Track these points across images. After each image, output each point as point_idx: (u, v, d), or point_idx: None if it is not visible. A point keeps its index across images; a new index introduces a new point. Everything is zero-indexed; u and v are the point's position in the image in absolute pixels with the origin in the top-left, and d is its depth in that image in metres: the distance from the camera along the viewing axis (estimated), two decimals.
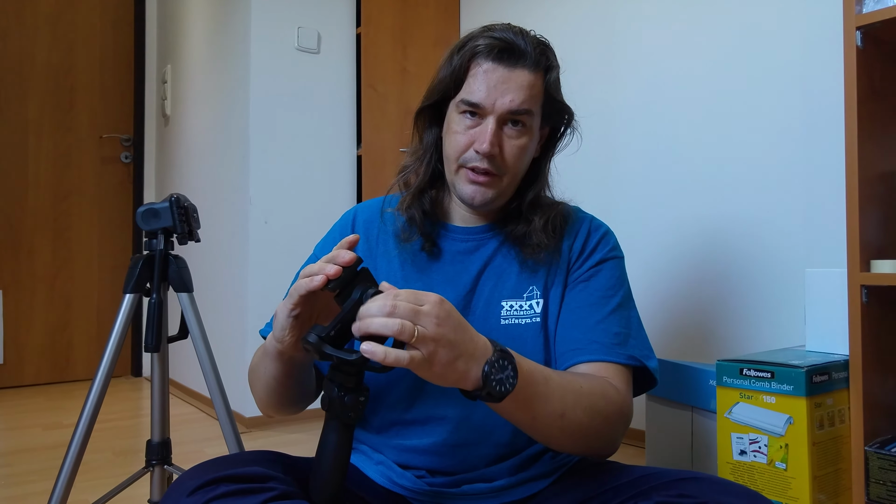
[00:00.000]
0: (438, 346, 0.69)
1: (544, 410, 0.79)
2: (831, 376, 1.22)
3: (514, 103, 0.91)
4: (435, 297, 0.71)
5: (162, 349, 1.34)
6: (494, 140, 0.91)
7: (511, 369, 0.74)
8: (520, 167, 0.96)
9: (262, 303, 2.42)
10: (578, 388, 0.83)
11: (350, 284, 0.73)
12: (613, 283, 0.98)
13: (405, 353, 0.68)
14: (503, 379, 0.73)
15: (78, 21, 3.39)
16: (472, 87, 0.92)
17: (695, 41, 1.96)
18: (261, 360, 0.90)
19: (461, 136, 0.93)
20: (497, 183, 0.94)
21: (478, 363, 0.72)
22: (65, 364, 3.34)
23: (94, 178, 3.44)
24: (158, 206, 1.30)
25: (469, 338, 0.73)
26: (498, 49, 0.91)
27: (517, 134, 0.93)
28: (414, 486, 0.91)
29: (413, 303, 0.70)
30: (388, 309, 0.68)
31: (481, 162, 0.92)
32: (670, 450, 1.57)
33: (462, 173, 0.94)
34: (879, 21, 1.14)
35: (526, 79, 0.91)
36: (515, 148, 0.93)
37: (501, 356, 0.73)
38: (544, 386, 0.79)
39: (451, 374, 0.71)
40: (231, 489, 0.71)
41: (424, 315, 0.69)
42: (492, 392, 0.72)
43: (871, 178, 1.18)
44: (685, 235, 1.97)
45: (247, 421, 2.37)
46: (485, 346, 0.74)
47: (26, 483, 1.80)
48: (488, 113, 0.91)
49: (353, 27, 2.68)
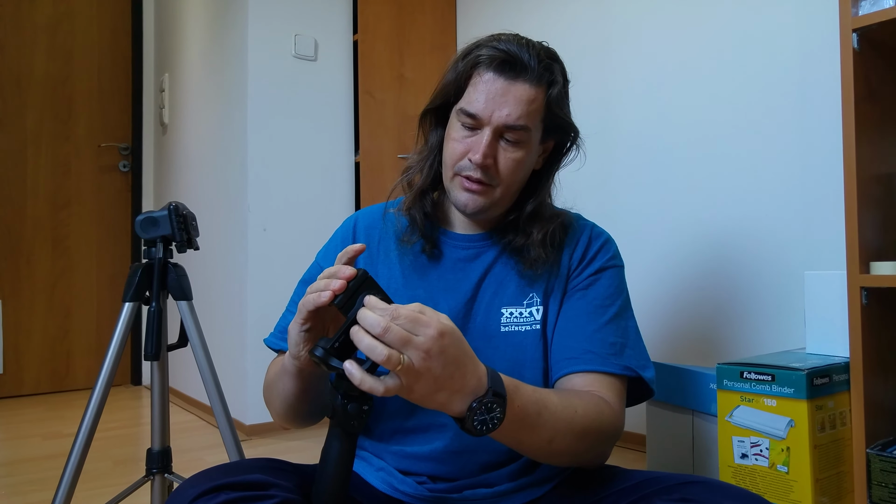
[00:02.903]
0: (421, 378, 0.67)
1: (531, 439, 0.79)
2: (832, 379, 1.21)
3: (511, 118, 0.90)
4: (434, 332, 0.67)
5: (161, 357, 1.34)
6: (489, 151, 0.90)
7: (499, 412, 0.72)
8: (514, 180, 0.95)
9: (262, 310, 2.42)
10: (572, 415, 0.82)
11: (354, 295, 0.73)
12: (612, 292, 0.98)
13: (380, 384, 0.67)
14: (486, 420, 0.71)
15: (76, 30, 3.40)
16: (471, 97, 0.92)
17: (692, 45, 1.96)
18: (279, 378, 0.89)
19: (458, 144, 0.93)
20: (490, 193, 0.93)
21: (464, 399, 0.71)
22: (64, 373, 3.33)
23: (93, 186, 3.44)
24: (157, 214, 1.29)
25: (461, 374, 0.70)
26: (500, 61, 0.90)
27: (513, 148, 0.92)
28: (415, 492, 0.91)
29: (409, 330, 0.67)
30: (380, 330, 0.66)
31: (475, 172, 0.91)
32: (671, 454, 1.57)
33: (457, 181, 0.94)
34: (876, 23, 1.14)
35: (526, 93, 0.90)
36: (510, 161, 0.92)
37: (493, 399, 0.71)
38: (536, 418, 0.78)
39: (430, 403, 0.70)
40: (232, 497, 0.71)
41: (414, 347, 0.66)
42: (471, 429, 0.71)
43: (870, 180, 1.18)
44: (684, 239, 1.98)
45: (247, 428, 2.36)
46: (478, 383, 0.71)
47: (27, 493, 1.79)
48: (485, 124, 0.91)
49: (350, 34, 2.69)
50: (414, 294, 0.96)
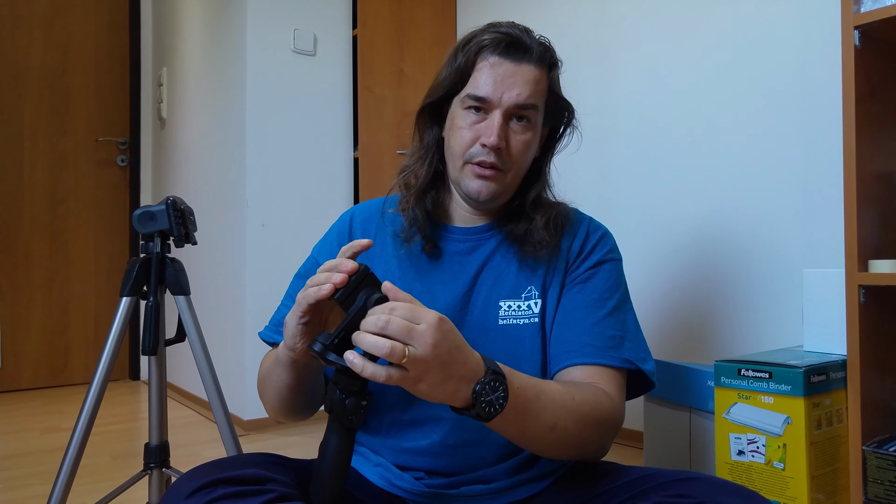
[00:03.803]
0: (430, 367, 0.68)
1: (535, 425, 0.79)
2: (829, 376, 1.22)
3: (521, 97, 0.91)
4: (433, 317, 0.68)
5: (159, 352, 1.34)
6: (502, 133, 0.91)
7: (502, 389, 0.73)
8: (523, 163, 0.96)
9: (260, 305, 2.41)
10: (570, 401, 0.82)
11: (355, 290, 0.73)
12: (611, 285, 0.98)
13: (382, 370, 0.67)
14: (493, 400, 0.72)
15: (73, 24, 3.39)
16: (478, 82, 0.92)
17: (692, 40, 1.96)
18: (272, 370, 0.89)
19: (466, 132, 0.93)
20: (502, 178, 0.94)
21: (468, 384, 0.71)
22: (62, 368, 3.33)
23: (91, 181, 3.43)
24: (154, 208, 1.29)
25: (462, 360, 0.71)
26: (505, 43, 0.91)
27: (522, 129, 0.93)
28: (412, 487, 0.91)
29: (409, 319, 0.68)
30: (381, 323, 0.66)
31: (488, 156, 0.92)
32: (668, 450, 1.57)
33: (468, 169, 0.94)
34: (878, 20, 1.14)
35: (532, 73, 0.92)
36: (521, 143, 0.93)
37: (493, 378, 0.72)
38: (535, 402, 0.78)
39: (439, 393, 0.70)
40: (229, 491, 0.71)
41: (419, 335, 0.67)
42: (480, 413, 0.72)
43: (870, 178, 1.18)
44: (682, 236, 1.98)
45: (245, 424, 2.36)
46: (476, 366, 0.72)
47: (25, 487, 1.79)
48: (495, 107, 0.91)
49: (350, 29, 2.68)
50: (410, 288, 0.96)
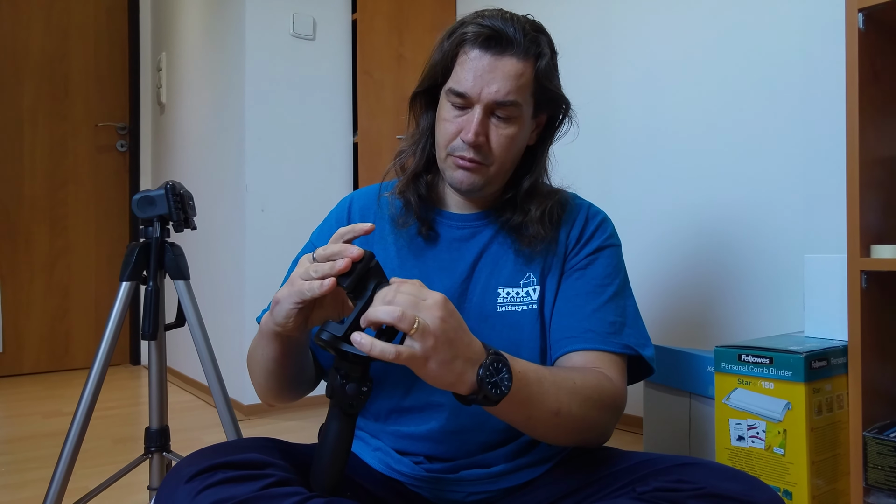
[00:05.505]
0: (438, 342, 0.68)
1: (539, 409, 0.79)
2: (830, 362, 1.21)
3: (500, 94, 0.89)
4: (439, 294, 0.70)
5: (159, 337, 1.34)
6: (480, 130, 0.89)
7: (506, 371, 0.73)
8: (508, 156, 0.94)
9: (260, 290, 2.42)
10: (572, 385, 0.82)
11: (364, 280, 0.73)
12: (610, 271, 0.97)
13: (391, 347, 0.66)
14: (498, 381, 0.72)
15: (72, 8, 3.36)
16: (458, 76, 0.90)
17: (693, 26, 1.94)
18: (258, 343, 0.89)
19: (449, 125, 0.92)
20: (484, 171, 0.93)
21: (473, 366, 0.71)
22: (63, 352, 3.34)
23: (90, 166, 3.42)
24: (154, 193, 1.28)
25: (467, 341, 0.71)
26: (485, 37, 0.89)
27: (504, 124, 0.91)
28: (412, 472, 0.91)
29: (416, 295, 0.69)
30: (390, 296, 0.68)
31: (467, 151, 0.90)
32: (668, 436, 1.58)
33: (450, 160, 0.93)
34: (883, 3, 1.12)
35: (514, 68, 0.89)
36: (503, 138, 0.91)
37: (495, 359, 0.72)
38: (538, 385, 0.78)
39: (447, 374, 0.70)
40: (229, 476, 0.71)
41: (427, 308, 0.68)
42: (488, 395, 0.71)
43: (872, 163, 1.17)
44: (683, 221, 1.97)
45: (245, 408, 2.37)
46: (479, 349, 0.73)
47: (26, 470, 1.80)
48: (474, 102, 0.90)
49: (349, 13, 2.66)
50: (409, 275, 0.96)
